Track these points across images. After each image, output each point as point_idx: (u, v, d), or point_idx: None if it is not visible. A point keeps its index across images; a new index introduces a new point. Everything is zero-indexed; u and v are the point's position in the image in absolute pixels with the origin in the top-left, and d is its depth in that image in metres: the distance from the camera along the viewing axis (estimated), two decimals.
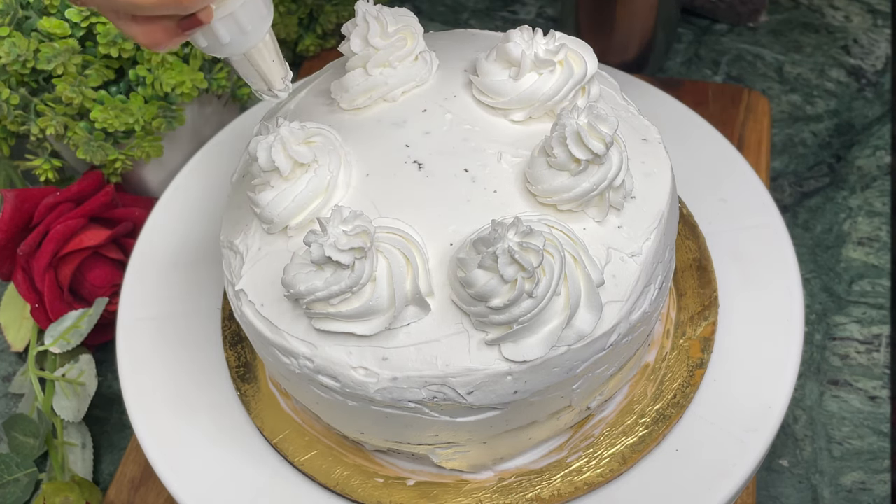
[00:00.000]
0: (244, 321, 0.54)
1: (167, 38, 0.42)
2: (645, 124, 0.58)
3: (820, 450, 0.69)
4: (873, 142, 0.84)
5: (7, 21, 0.69)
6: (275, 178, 0.52)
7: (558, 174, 0.50)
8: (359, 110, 0.58)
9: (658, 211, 0.53)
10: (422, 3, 0.98)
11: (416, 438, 0.55)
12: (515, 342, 0.49)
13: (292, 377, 0.53)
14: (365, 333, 0.49)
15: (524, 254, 0.46)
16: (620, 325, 0.51)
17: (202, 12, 0.41)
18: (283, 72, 0.48)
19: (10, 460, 0.69)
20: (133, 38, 0.42)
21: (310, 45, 0.92)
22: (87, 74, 0.70)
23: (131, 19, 0.41)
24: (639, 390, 0.60)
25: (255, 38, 0.45)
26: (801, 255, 0.77)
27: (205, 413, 0.63)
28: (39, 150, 0.77)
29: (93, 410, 0.72)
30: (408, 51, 0.56)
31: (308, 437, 0.61)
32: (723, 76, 0.90)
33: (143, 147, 0.74)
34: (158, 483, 0.62)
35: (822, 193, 0.82)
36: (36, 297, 0.73)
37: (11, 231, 0.73)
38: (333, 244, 0.46)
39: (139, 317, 0.67)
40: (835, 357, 0.73)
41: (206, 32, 0.43)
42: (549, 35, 0.55)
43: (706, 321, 0.63)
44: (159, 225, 0.71)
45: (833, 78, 0.89)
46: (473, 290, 0.47)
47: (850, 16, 0.94)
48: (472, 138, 0.55)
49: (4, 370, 0.78)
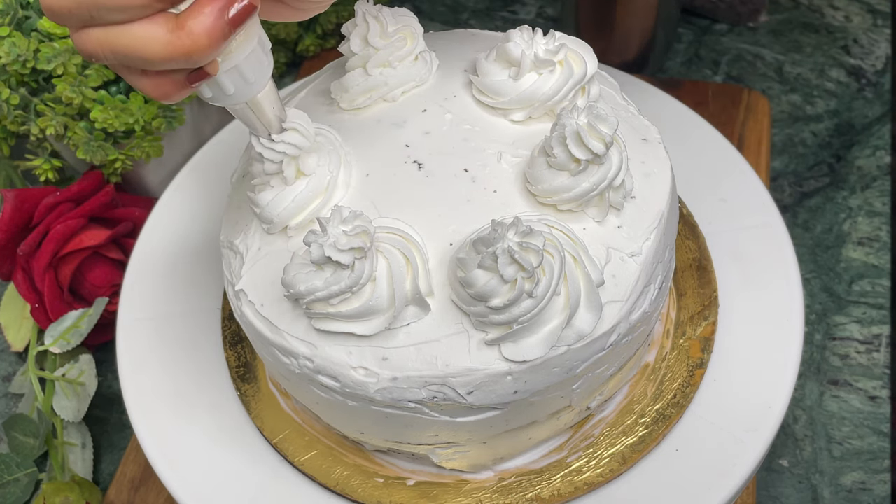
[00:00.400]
0: (244, 321, 0.54)
1: (175, 90, 0.43)
2: (645, 124, 0.58)
3: (820, 450, 0.69)
4: (873, 142, 0.84)
5: (7, 21, 0.69)
6: (275, 178, 0.52)
7: (558, 174, 0.50)
8: (359, 110, 0.58)
9: (658, 211, 0.53)
10: (422, 3, 0.98)
11: (416, 438, 0.55)
12: (515, 342, 0.49)
13: (292, 377, 0.53)
14: (365, 333, 0.49)
15: (524, 254, 0.46)
16: (620, 325, 0.51)
17: (209, 66, 0.42)
18: (283, 116, 0.50)
19: (10, 460, 0.69)
20: (143, 91, 0.43)
21: (310, 45, 0.92)
22: (87, 74, 0.70)
23: (142, 74, 0.42)
24: (639, 390, 0.60)
25: (258, 87, 0.47)
26: (801, 255, 0.77)
27: (205, 413, 0.63)
28: (39, 150, 0.77)
29: (93, 410, 0.72)
30: (408, 51, 0.56)
31: (308, 437, 0.61)
32: (723, 76, 0.90)
33: (143, 147, 0.74)
34: (158, 483, 0.62)
35: (822, 193, 0.82)
36: (36, 297, 0.73)
37: (11, 231, 0.73)
38: (333, 244, 0.46)
39: (139, 317, 0.67)
40: (835, 357, 0.73)
41: (212, 84, 0.45)
42: (549, 35, 0.55)
43: (706, 321, 0.63)
44: (159, 225, 0.71)
45: (833, 78, 0.89)
46: (473, 290, 0.47)
47: (850, 16, 0.94)
48: (472, 138, 0.55)
49: (4, 370, 0.78)
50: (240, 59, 0.44)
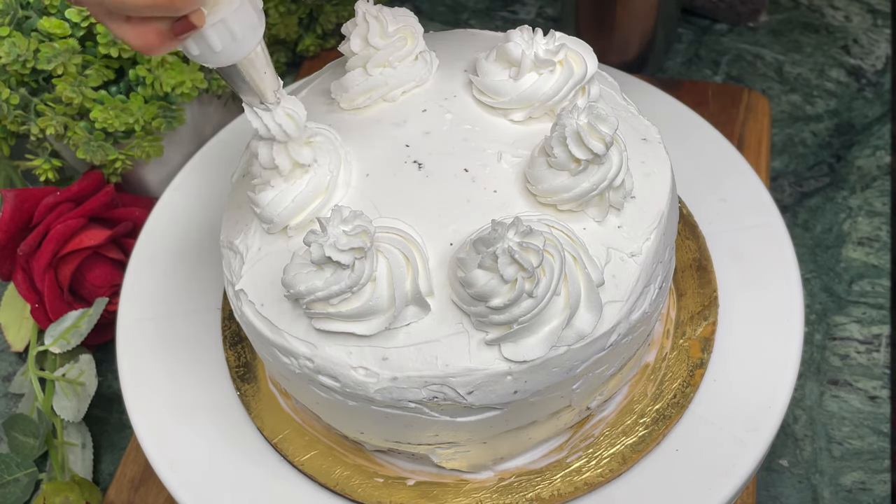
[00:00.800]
0: (244, 321, 0.54)
1: (159, 41, 0.42)
2: (645, 124, 0.58)
3: (820, 450, 0.69)
4: (873, 142, 0.84)
5: (7, 21, 0.69)
6: (275, 178, 0.52)
7: (558, 174, 0.50)
8: (359, 110, 0.58)
9: (658, 211, 0.53)
10: (422, 3, 0.98)
11: (416, 438, 0.55)
12: (515, 342, 0.49)
13: (292, 377, 0.53)
14: (365, 333, 0.49)
15: (524, 254, 0.46)
16: (620, 325, 0.51)
17: (194, 15, 0.41)
18: (275, 84, 0.48)
19: (10, 460, 0.69)
20: (125, 40, 0.42)
21: (310, 45, 0.92)
22: (87, 74, 0.70)
23: (124, 21, 0.41)
24: (639, 390, 0.60)
25: (247, 47, 0.45)
26: (801, 255, 0.77)
27: (205, 413, 0.63)
28: (39, 150, 0.77)
29: (93, 410, 0.72)
30: (408, 51, 0.56)
31: (308, 437, 0.61)
32: (723, 76, 0.90)
33: (143, 147, 0.74)
34: (158, 483, 0.62)
35: (822, 193, 0.82)
36: (36, 297, 0.73)
37: (11, 231, 0.73)
38: (333, 244, 0.46)
39: (139, 317, 0.67)
40: (835, 357, 0.73)
41: (198, 40, 0.44)
42: (549, 35, 0.55)
43: (706, 321, 0.63)
44: (159, 225, 0.71)
45: (833, 78, 0.89)
46: (473, 290, 0.47)
47: (850, 16, 0.94)
48: (472, 138, 0.55)
49: (4, 370, 0.78)
50: (227, 13, 0.43)
